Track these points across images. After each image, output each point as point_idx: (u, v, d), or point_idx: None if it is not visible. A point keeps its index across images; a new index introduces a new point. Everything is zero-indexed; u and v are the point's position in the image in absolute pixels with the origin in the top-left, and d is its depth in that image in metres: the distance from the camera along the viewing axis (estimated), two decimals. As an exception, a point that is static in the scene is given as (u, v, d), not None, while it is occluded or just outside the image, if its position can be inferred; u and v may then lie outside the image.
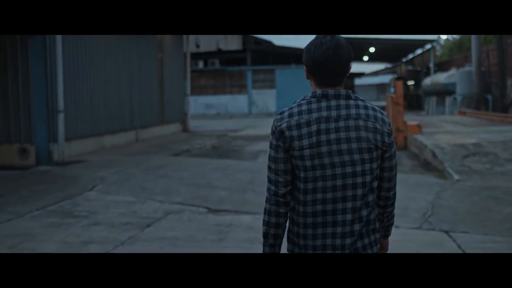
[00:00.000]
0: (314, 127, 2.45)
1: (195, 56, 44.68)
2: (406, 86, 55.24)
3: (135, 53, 20.06)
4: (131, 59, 19.66)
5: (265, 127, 25.95)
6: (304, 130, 2.45)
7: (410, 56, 56.64)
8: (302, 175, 2.49)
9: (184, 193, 9.75)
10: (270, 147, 2.55)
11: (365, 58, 58.38)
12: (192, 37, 41.64)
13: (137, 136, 19.93)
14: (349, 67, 2.54)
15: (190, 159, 14.64)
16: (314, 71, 2.53)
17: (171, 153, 15.96)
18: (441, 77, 33.33)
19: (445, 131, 16.90)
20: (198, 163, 13.45)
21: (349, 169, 2.44)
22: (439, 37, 58.10)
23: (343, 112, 2.47)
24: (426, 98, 38.71)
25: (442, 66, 43.98)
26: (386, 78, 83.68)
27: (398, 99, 16.94)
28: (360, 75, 78.27)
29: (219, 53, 44.35)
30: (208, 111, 43.96)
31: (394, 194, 2.70)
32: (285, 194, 2.54)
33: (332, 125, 2.45)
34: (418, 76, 50.30)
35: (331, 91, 2.50)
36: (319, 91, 2.52)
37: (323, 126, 2.45)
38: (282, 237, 2.63)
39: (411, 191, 9.41)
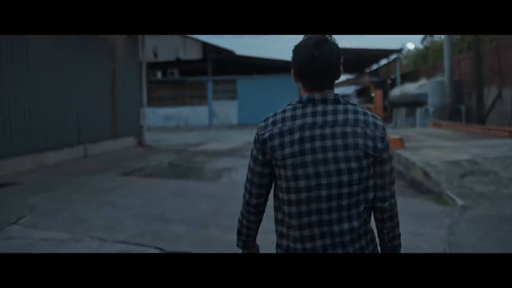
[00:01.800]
0: (297, 135, 2.34)
1: (153, 66, 42.68)
2: (370, 97, 54.16)
3: (83, 60, 17.96)
4: (77, 67, 17.55)
5: (227, 141, 24.09)
6: (287, 139, 2.35)
7: (374, 66, 55.46)
8: (284, 185, 2.39)
9: (131, 228, 7.75)
10: (251, 156, 2.49)
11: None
12: (149, 46, 39.74)
13: (85, 152, 17.80)
14: (338, 70, 2.41)
15: (143, 180, 12.60)
16: (300, 74, 2.42)
17: (122, 172, 13.90)
18: (411, 88, 31.89)
19: (429, 145, 15.23)
20: (151, 186, 11.43)
21: (334, 179, 2.32)
22: (405, 47, 57.33)
23: (330, 118, 2.34)
24: (393, 110, 37.28)
25: (408, 77, 42.71)
26: (348, 90, 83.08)
27: (377, 110, 15.25)
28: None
29: (178, 62, 42.33)
30: (167, 123, 41.82)
31: (391, 206, 2.44)
32: (257, 205, 2.55)
33: (318, 132, 2.33)
34: (383, 87, 49.07)
35: (317, 96, 2.38)
36: (305, 96, 2.40)
37: (307, 133, 2.33)
38: (254, 237, 2.68)
39: (416, 224, 7.60)
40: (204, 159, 17.01)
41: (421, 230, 7.25)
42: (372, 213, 2.49)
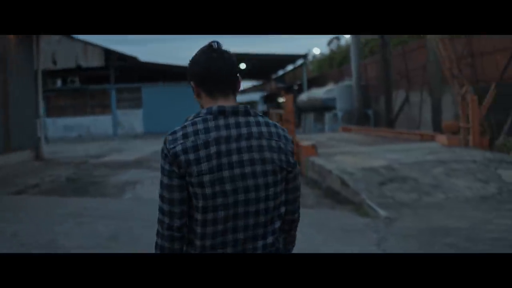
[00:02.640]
0: (213, 149, 2.17)
1: (52, 74, 40.66)
2: (277, 103, 54.09)
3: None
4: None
5: (132, 151, 22.86)
6: (202, 153, 2.16)
7: (281, 72, 55.46)
8: (200, 204, 2.19)
9: (15, 260, 6.60)
10: (162, 173, 2.24)
11: (235, 75, 56.31)
12: (47, 53, 37.71)
13: (-29, 168, 16.16)
14: (239, 79, 2.33)
15: (36, 199, 11.31)
16: (202, 79, 2.28)
17: (13, 190, 12.51)
18: (318, 93, 31.68)
19: (342, 151, 14.72)
20: (44, 206, 10.21)
21: (252, 195, 2.20)
22: (311, 52, 57.69)
23: (244, 130, 2.22)
24: (302, 115, 37.07)
25: (314, 82, 42.81)
26: (254, 96, 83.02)
27: (288, 115, 14.59)
28: (230, 92, 76.50)
29: (79, 70, 40.44)
30: (68, 133, 39.80)
31: (299, 216, 2.46)
32: (181, 227, 2.25)
33: (233, 146, 2.19)
34: (290, 92, 49.04)
35: (228, 107, 2.23)
36: (215, 107, 2.23)
37: (223, 147, 2.18)
38: None
39: (341, 242, 6.88)
40: (107, 172, 15.81)
41: (349, 249, 6.51)
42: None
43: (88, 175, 15.26)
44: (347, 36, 42.52)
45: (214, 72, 2.25)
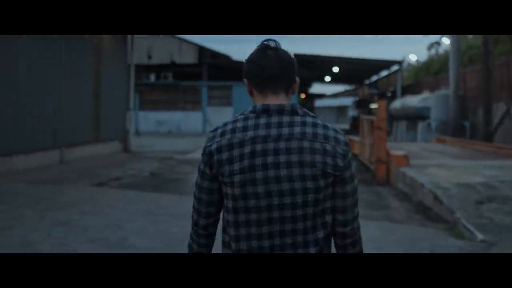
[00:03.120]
0: (247, 148, 2.09)
1: (147, 69, 41.42)
2: (369, 109, 52.88)
3: (65, 59, 16.55)
4: (58, 65, 16.14)
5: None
6: (236, 152, 2.09)
7: (374, 78, 54.15)
8: (230, 204, 2.13)
9: (82, 257, 6.31)
10: (198, 170, 2.24)
11: (327, 78, 55.46)
12: (143, 48, 38.42)
13: (61, 156, 16.34)
14: (295, 80, 2.24)
15: (114, 192, 11.13)
16: (252, 75, 2.22)
17: (95, 181, 12.45)
18: (413, 101, 30.46)
19: (436, 164, 13.80)
20: (121, 200, 9.98)
21: (287, 200, 2.08)
22: (407, 59, 56.06)
23: (285, 130, 2.11)
24: (394, 123, 35.87)
25: (409, 90, 41.38)
26: (346, 101, 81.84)
27: (380, 122, 13.82)
28: (321, 96, 75.69)
29: (173, 66, 40.94)
30: (159, 128, 40.38)
31: (353, 231, 2.21)
32: (207, 226, 2.26)
33: (271, 146, 2.09)
34: (383, 98, 47.70)
35: (273, 105, 2.14)
36: (259, 105, 2.17)
37: (258, 147, 2.09)
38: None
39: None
40: (189, 169, 15.58)
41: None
42: (332, 240, 2.25)
43: (170, 171, 15.07)
44: (447, 43, 40.93)
45: (266, 69, 2.18)
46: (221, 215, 2.27)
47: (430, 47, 51.58)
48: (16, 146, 13.96)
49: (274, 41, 2.23)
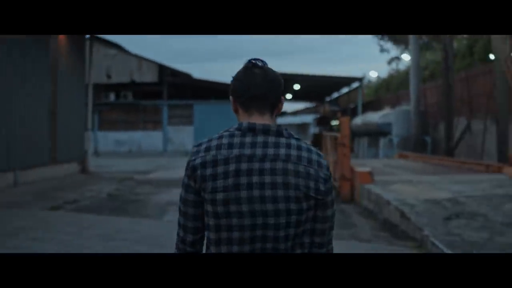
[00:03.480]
0: (232, 166, 2.08)
1: (106, 88, 40.84)
2: (330, 126, 53.03)
3: (17, 73, 15.98)
4: (9, 82, 15.56)
5: (180, 169, 22.16)
6: (220, 169, 2.08)
7: (335, 95, 54.43)
8: (212, 222, 2.11)
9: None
10: (182, 185, 2.20)
11: (288, 96, 55.55)
12: (102, 67, 37.83)
13: (15, 179, 15.69)
14: (281, 100, 2.25)
15: (71, 216, 10.65)
16: (238, 93, 2.20)
17: (50, 205, 11.91)
18: (374, 117, 30.54)
19: (401, 180, 13.66)
20: (77, 225, 9.50)
21: (271, 220, 2.08)
22: (367, 76, 56.51)
23: (271, 151, 2.11)
24: (355, 139, 35.90)
25: (369, 106, 41.61)
26: (307, 118, 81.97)
27: (343, 139, 13.64)
28: (282, 114, 75.73)
29: (132, 85, 40.38)
30: (119, 148, 39.70)
31: (328, 252, 2.25)
32: (194, 242, 2.20)
33: (256, 166, 2.08)
34: (345, 115, 47.87)
35: (259, 125, 2.15)
36: (245, 123, 2.16)
37: (244, 166, 2.08)
38: None
39: None
40: (150, 190, 15.15)
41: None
42: None
43: (130, 193, 14.61)
44: (407, 59, 41.37)
45: (252, 87, 2.18)
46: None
47: (390, 61, 52.12)
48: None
49: (261, 60, 2.23)
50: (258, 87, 2.17)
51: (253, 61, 2.22)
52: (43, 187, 15.13)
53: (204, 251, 2.22)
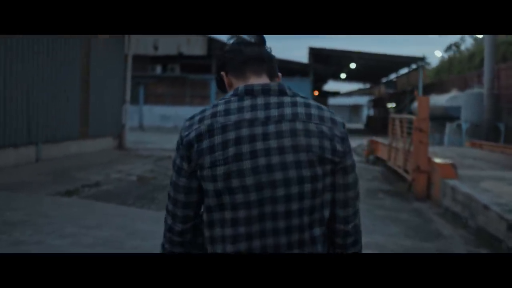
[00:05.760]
0: (231, 134, 1.81)
1: (153, 60, 39.11)
2: (385, 109, 50.29)
3: (43, 44, 14.04)
4: (34, 48, 13.63)
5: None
6: (218, 139, 1.81)
7: (392, 76, 51.45)
8: (213, 203, 1.83)
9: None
10: (173, 167, 1.92)
11: (343, 75, 52.72)
12: (149, 38, 36.06)
13: (37, 154, 13.85)
14: (278, 73, 2.03)
15: (81, 205, 8.57)
16: (229, 61, 1.97)
17: (65, 189, 9.93)
18: (440, 100, 27.68)
19: (490, 176, 11.15)
20: (80, 221, 7.37)
21: (281, 191, 1.80)
22: (427, 56, 53.23)
23: (274, 112, 1.85)
24: (416, 123, 33.14)
25: (430, 89, 38.61)
26: (360, 100, 79.15)
27: (421, 123, 11.22)
28: (335, 94, 72.87)
29: (180, 57, 38.51)
30: (164, 123, 38.06)
31: (356, 228, 1.98)
32: (183, 232, 1.93)
33: (259, 130, 1.82)
34: (401, 98, 44.99)
35: (257, 85, 1.88)
36: (241, 87, 1.89)
37: (245, 132, 1.81)
38: None
39: None
40: (188, 173, 13.06)
41: None
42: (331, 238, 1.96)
43: (164, 175, 12.54)
44: (470, 41, 38.29)
45: (245, 51, 1.96)
46: (198, 220, 1.93)
47: (447, 49, 48.80)
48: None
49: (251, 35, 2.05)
50: (253, 50, 1.97)
51: (241, 37, 2.01)
52: (66, 165, 13.21)
53: (203, 236, 1.90)
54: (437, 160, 11.08)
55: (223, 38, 2.20)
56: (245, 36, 2.03)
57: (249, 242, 1.80)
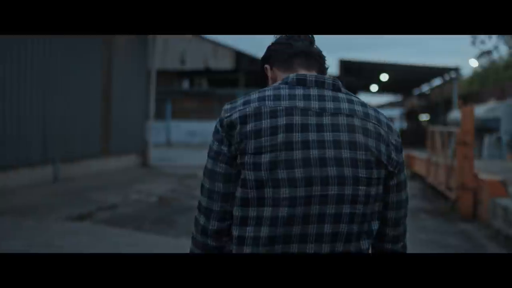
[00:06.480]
0: (282, 120, 1.63)
1: (180, 74, 38.62)
2: (418, 122, 49.17)
3: (60, 51, 13.40)
4: (51, 57, 13.00)
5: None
6: (266, 123, 1.63)
7: (425, 87, 50.21)
8: (252, 195, 1.62)
9: None
10: (208, 155, 1.74)
11: (374, 87, 51.55)
12: (176, 51, 35.59)
13: (55, 173, 13.13)
14: (325, 60, 1.88)
15: (91, 233, 7.76)
16: (283, 52, 1.83)
17: (78, 212, 9.16)
18: (477, 111, 26.57)
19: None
20: (97, 246, 6.60)
21: (333, 190, 1.61)
22: (461, 66, 51.92)
23: (330, 104, 1.68)
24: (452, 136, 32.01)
25: (465, 100, 37.33)
26: (392, 112, 77.81)
27: (465, 136, 10.23)
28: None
29: (207, 72, 37.95)
30: (191, 139, 37.40)
31: (404, 248, 1.84)
32: (219, 232, 1.68)
33: (313, 120, 1.65)
34: (434, 110, 43.77)
35: (311, 75, 1.74)
36: (292, 75, 1.75)
37: (297, 119, 1.64)
38: None
39: None
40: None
41: None
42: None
43: (186, 195, 11.77)
44: (503, 48, 36.99)
45: (296, 46, 1.82)
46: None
47: (479, 56, 47.19)
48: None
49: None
50: (303, 45, 1.82)
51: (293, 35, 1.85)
52: (84, 185, 12.47)
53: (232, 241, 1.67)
54: (485, 177, 10.07)
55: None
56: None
57: (285, 246, 1.62)
